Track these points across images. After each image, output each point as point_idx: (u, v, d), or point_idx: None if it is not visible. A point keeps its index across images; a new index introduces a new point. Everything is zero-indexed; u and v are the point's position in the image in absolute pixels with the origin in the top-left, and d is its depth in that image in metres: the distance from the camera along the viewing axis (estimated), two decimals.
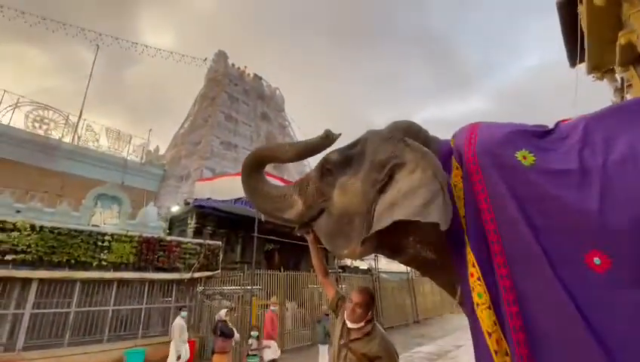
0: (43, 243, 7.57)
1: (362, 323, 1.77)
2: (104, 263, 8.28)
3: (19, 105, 14.67)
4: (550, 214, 1.19)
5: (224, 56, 26.38)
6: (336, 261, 16.22)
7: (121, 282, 8.51)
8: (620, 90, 9.96)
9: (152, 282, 8.97)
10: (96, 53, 20.44)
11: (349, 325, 1.78)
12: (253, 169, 1.96)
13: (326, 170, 1.82)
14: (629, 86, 8.80)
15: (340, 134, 1.83)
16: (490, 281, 1.26)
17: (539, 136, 1.44)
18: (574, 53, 12.07)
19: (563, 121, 1.57)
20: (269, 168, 2.26)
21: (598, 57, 5.32)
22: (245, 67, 27.37)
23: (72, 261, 7.89)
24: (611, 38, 4.42)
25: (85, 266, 8.04)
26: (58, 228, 7.88)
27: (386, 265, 19.05)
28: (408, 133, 1.68)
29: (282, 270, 10.65)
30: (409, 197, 1.41)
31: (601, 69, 5.56)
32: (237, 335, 6.88)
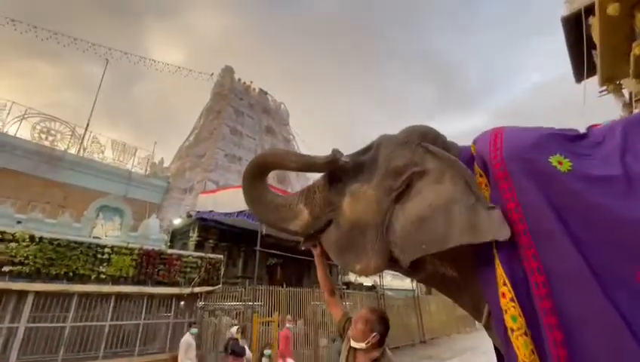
0: (42, 255, 7.41)
1: (364, 344, 1.52)
2: (103, 276, 8.07)
3: (26, 116, 14.84)
4: (595, 225, 1.05)
5: (231, 72, 26.78)
6: (340, 276, 15.85)
7: (120, 296, 8.27)
8: (629, 105, 9.85)
9: (151, 296, 8.72)
10: (105, 67, 20.87)
11: (353, 344, 1.55)
12: (256, 176, 1.79)
13: (336, 178, 1.68)
14: (638, 100, 8.69)
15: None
16: (526, 303, 1.09)
17: (571, 141, 1.31)
18: (580, 68, 12.05)
19: (594, 125, 1.45)
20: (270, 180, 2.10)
21: (610, 69, 5.24)
22: (251, 82, 27.72)
23: (70, 273, 7.70)
24: (624, 49, 4.36)
25: (83, 279, 7.84)
26: (57, 240, 7.73)
27: (391, 281, 18.64)
28: (425, 138, 1.54)
29: (284, 286, 10.36)
30: (444, 214, 1.28)
31: (613, 81, 5.47)
32: (249, 354, 6.59)
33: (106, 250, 8.28)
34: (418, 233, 1.32)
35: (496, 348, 1.42)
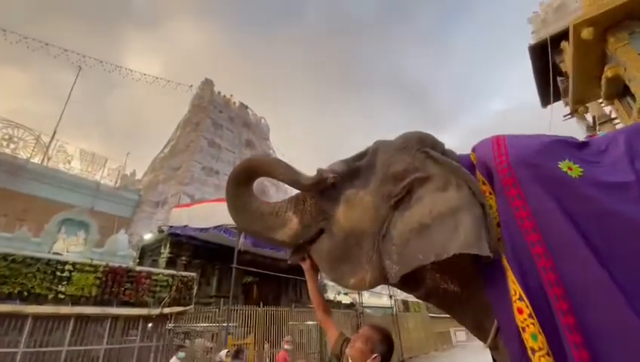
0: None
1: None
2: (61, 296, 7.41)
3: None
4: (613, 233, 1.00)
5: (210, 84, 26.53)
6: None
7: (80, 318, 7.59)
8: (592, 128, 10.54)
9: (115, 318, 8.07)
10: (77, 74, 20.02)
11: None
12: (242, 182, 1.64)
13: (329, 184, 1.56)
14: (602, 123, 9.28)
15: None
16: (546, 319, 1.00)
17: (577, 148, 1.28)
18: (546, 94, 12.88)
19: (591, 136, 1.47)
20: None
21: (581, 92, 5.55)
22: (232, 95, 27.54)
23: (25, 293, 7.02)
24: (595, 72, 4.64)
25: (39, 299, 7.16)
26: (12, 255, 7.07)
27: (369, 298, 18.44)
28: (424, 143, 1.47)
29: (261, 305, 9.95)
30: (448, 222, 1.18)
31: (583, 103, 5.80)
32: None
33: (67, 266, 7.65)
34: (416, 241, 1.22)
35: None
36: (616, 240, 0.99)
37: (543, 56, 10.80)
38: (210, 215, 10.88)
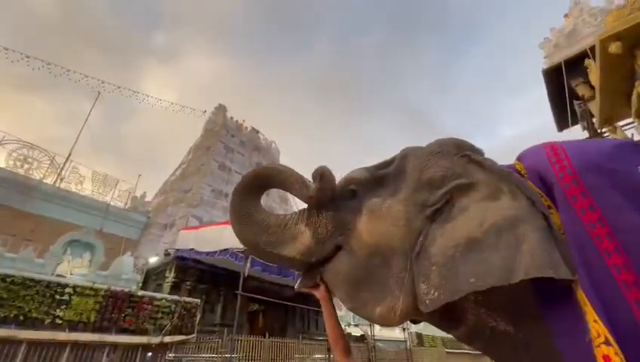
0: None
1: None
2: (59, 321, 7.07)
3: (3, 143, 14.19)
4: None
5: (223, 110, 27.19)
6: (319, 323, 14.71)
7: (77, 345, 7.20)
8: None
9: (113, 346, 7.64)
10: (96, 98, 20.74)
11: None
12: (252, 190, 1.38)
13: (349, 192, 1.30)
14: None
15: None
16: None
17: None
18: (562, 118, 12.63)
19: None
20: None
21: (609, 110, 5.25)
22: (244, 120, 28.14)
23: (21, 317, 6.71)
24: (624, 90, 4.40)
25: (35, 324, 6.84)
26: (11, 276, 6.84)
27: (380, 331, 17.46)
28: (462, 148, 1.23)
29: (267, 335, 9.37)
30: (506, 237, 0.91)
31: (612, 122, 5.49)
32: None
33: (67, 289, 7.36)
34: (465, 261, 0.94)
35: None
36: None
37: (558, 80, 10.69)
38: (218, 238, 10.59)
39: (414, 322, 1.40)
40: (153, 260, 13.47)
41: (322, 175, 1.28)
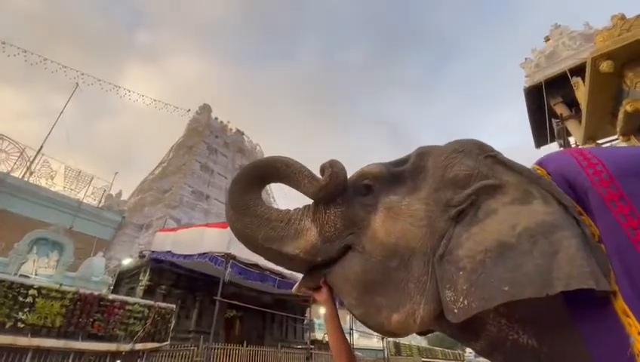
0: None
1: None
2: (20, 325, 6.58)
3: None
4: None
5: (208, 110, 26.69)
6: (306, 334, 14.46)
7: (39, 351, 6.72)
8: None
9: (79, 353, 7.18)
10: (74, 90, 19.85)
11: None
12: (253, 181, 1.27)
13: (363, 188, 1.20)
14: None
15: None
16: None
17: None
18: (541, 135, 13.15)
19: None
20: None
21: (594, 129, 5.45)
22: (228, 122, 27.69)
23: None
24: (609, 109, 4.60)
25: None
26: None
27: (359, 339, 17.39)
28: (484, 149, 1.15)
29: (244, 343, 9.09)
30: (542, 243, 0.85)
31: (595, 140, 5.73)
32: None
33: (31, 291, 6.88)
34: (497, 267, 0.87)
35: None
36: None
37: (538, 98, 11.16)
38: (197, 241, 10.24)
39: (421, 334, 1.32)
40: (127, 262, 12.87)
41: (333, 166, 1.18)
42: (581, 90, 5.24)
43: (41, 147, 15.86)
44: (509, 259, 0.86)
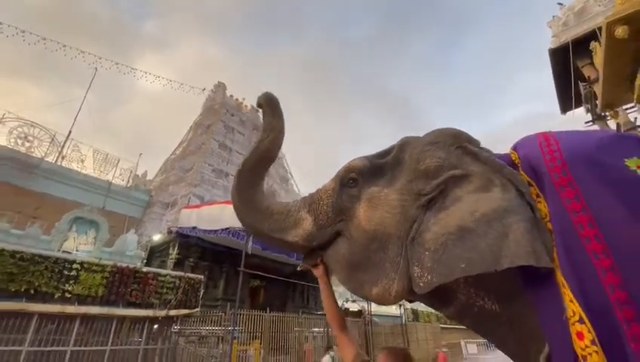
0: (1, 269, 6.71)
1: None
2: (68, 295, 7.36)
3: (3, 120, 14.13)
4: None
5: (223, 87, 26.76)
6: (318, 299, 15.25)
7: (86, 318, 7.53)
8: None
9: (121, 319, 7.98)
10: (93, 75, 20.43)
11: None
12: (258, 173, 1.47)
13: (349, 180, 1.38)
14: (628, 130, 8.85)
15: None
16: (613, 346, 0.83)
17: None
18: (567, 99, 12.42)
19: None
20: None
21: (611, 95, 5.21)
22: (244, 98, 27.74)
23: (32, 291, 6.99)
24: (627, 75, 4.36)
25: (46, 298, 7.13)
26: (20, 253, 7.06)
27: (378, 307, 18.05)
28: (459, 139, 1.28)
29: (267, 310, 9.74)
30: (496, 227, 0.99)
31: (613, 107, 5.47)
32: None
33: (75, 266, 7.61)
34: (457, 248, 1.03)
35: None
36: None
37: (564, 60, 10.46)
38: (219, 217, 10.78)
39: (409, 301, 1.53)
40: (157, 237, 13.75)
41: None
42: (599, 56, 4.95)
43: (70, 132, 16.69)
44: (467, 240, 1.02)
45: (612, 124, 10.50)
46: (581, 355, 0.84)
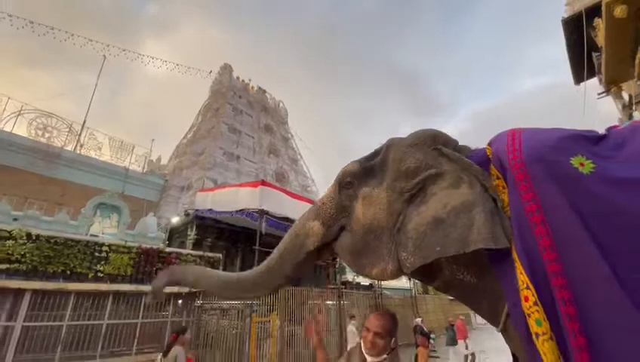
0: (38, 253, 7.35)
1: (385, 356, 1.42)
2: (100, 275, 8.02)
3: (22, 112, 14.67)
4: (623, 230, 1.02)
5: (229, 69, 26.66)
6: (337, 276, 15.83)
7: (117, 295, 8.22)
8: (628, 107, 9.92)
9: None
10: (102, 63, 20.67)
11: (370, 360, 1.43)
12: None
13: (346, 183, 1.69)
14: (638, 103, 8.73)
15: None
16: (549, 307, 1.08)
17: (592, 142, 1.28)
18: (580, 70, 12.09)
19: (614, 126, 1.44)
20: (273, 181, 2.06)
21: (614, 71, 5.23)
22: (250, 80, 27.65)
23: (68, 272, 7.65)
24: (629, 51, 4.37)
25: (81, 277, 7.79)
26: (55, 238, 7.67)
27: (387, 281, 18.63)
28: (436, 140, 1.54)
29: None
30: (463, 217, 1.26)
31: (617, 83, 5.47)
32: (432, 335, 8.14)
33: (104, 248, 8.23)
34: (433, 234, 1.29)
35: (513, 355, 1.42)
36: (622, 236, 1.01)
37: (577, 30, 10.11)
38: (233, 199, 11.23)
39: (409, 277, 1.90)
40: (175, 220, 14.39)
41: None
42: (601, 32, 4.92)
43: (85, 121, 17.19)
44: (441, 229, 1.30)
45: (625, 95, 10.27)
46: (527, 313, 1.10)
